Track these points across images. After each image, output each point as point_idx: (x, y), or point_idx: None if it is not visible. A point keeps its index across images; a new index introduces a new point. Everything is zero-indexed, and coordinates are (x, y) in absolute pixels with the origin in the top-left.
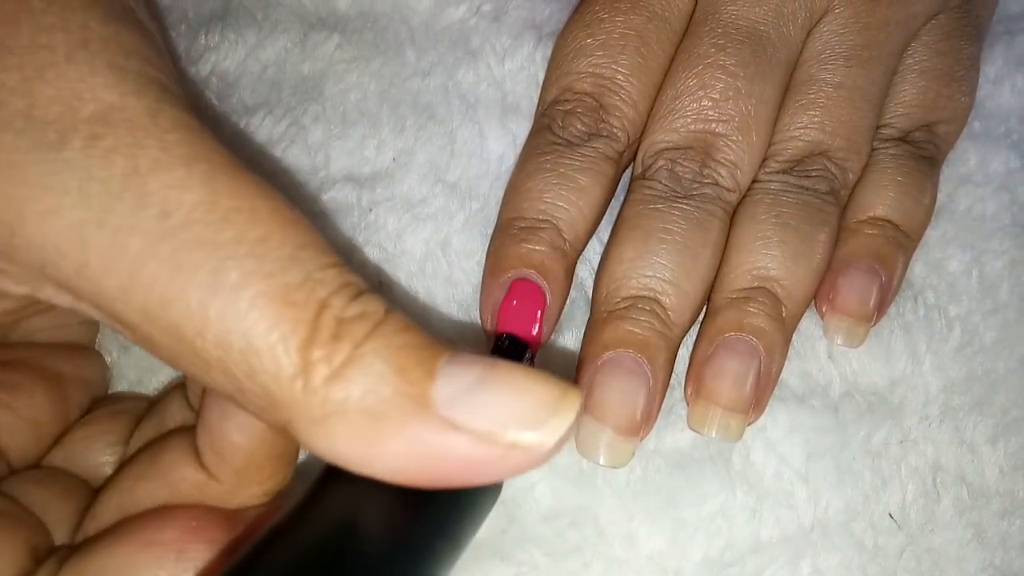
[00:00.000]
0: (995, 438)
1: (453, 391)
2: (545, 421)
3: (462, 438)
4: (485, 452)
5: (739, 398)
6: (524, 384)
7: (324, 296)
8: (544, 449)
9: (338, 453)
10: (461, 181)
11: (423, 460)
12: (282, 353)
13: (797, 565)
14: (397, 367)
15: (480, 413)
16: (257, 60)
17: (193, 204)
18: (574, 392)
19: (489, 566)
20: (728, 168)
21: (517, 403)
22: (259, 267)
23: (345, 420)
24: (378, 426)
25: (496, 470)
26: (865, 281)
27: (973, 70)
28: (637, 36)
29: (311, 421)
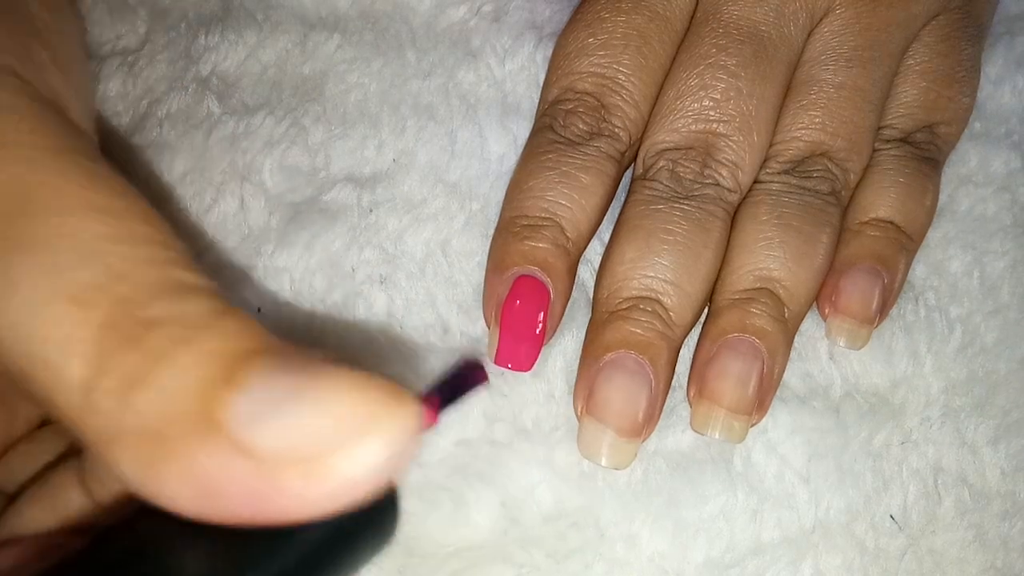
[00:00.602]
0: (996, 439)
1: (255, 405)
2: (352, 440)
3: (244, 463)
4: (272, 479)
5: (742, 399)
6: (338, 394)
7: (124, 294)
8: (347, 474)
9: (126, 478)
10: (462, 182)
11: (201, 487)
12: (68, 363)
13: (798, 566)
14: (200, 379)
15: (273, 432)
16: (257, 61)
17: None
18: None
19: (490, 568)
20: (729, 168)
21: (322, 418)
22: (50, 262)
23: (130, 440)
24: (160, 448)
25: (292, 502)
26: (868, 283)
27: (974, 71)
28: (639, 36)
29: (98, 441)
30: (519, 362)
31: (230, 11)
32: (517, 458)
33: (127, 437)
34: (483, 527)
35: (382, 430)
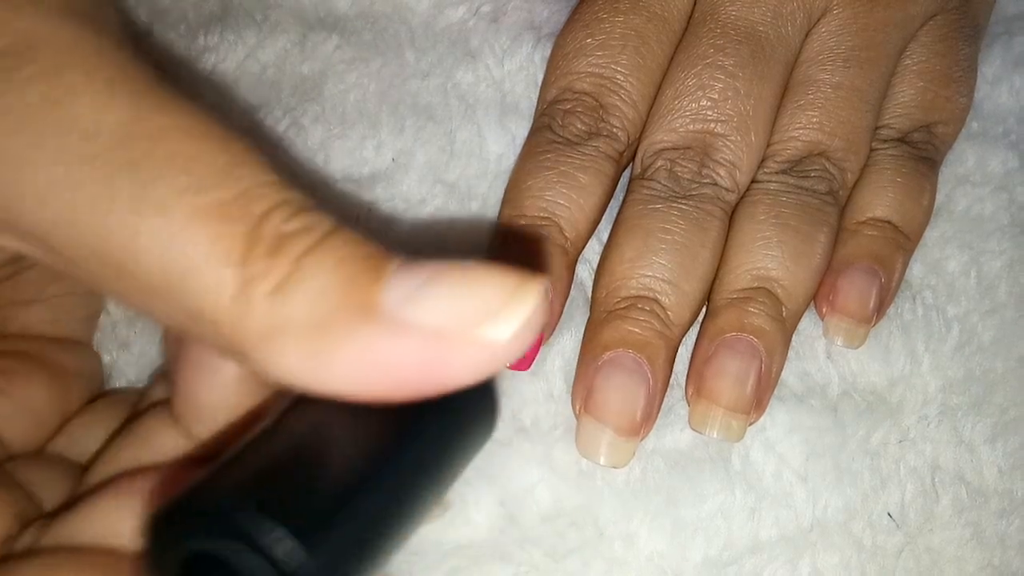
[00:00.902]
0: (994, 438)
1: (403, 292)
2: (500, 313)
3: (413, 339)
4: (440, 350)
5: (740, 398)
6: (477, 278)
7: (262, 211)
8: (501, 342)
9: (288, 373)
10: (460, 181)
11: (376, 368)
12: (220, 271)
13: (796, 565)
14: (342, 277)
15: (431, 310)
16: (256, 61)
17: (118, 123)
18: (533, 282)
19: (488, 567)
20: (727, 168)
21: (470, 297)
22: (190, 184)
23: (291, 336)
24: (325, 338)
25: (457, 370)
26: (865, 282)
27: (971, 71)
28: (637, 36)
29: (257, 342)
30: (518, 361)
31: (229, 11)
32: (516, 457)
33: (288, 334)
34: (481, 526)
35: (525, 300)
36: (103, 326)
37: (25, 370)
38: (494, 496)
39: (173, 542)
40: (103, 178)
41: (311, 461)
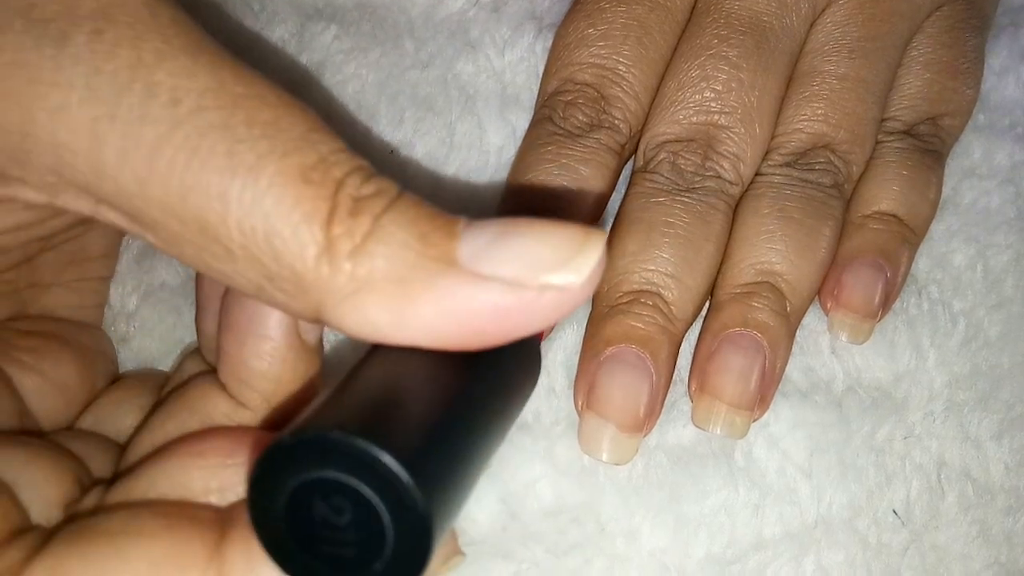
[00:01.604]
0: (1000, 434)
1: (476, 246)
2: (571, 260)
3: (492, 287)
4: (517, 298)
5: (744, 394)
6: (545, 231)
7: (340, 175)
8: (575, 287)
9: (372, 325)
10: (460, 173)
11: (458, 316)
12: (305, 232)
13: (800, 562)
14: (418, 234)
15: (506, 261)
16: (254, 52)
17: (201, 91)
18: (597, 233)
19: (490, 563)
20: (731, 160)
21: (541, 248)
22: (273, 148)
23: (374, 290)
24: (408, 291)
25: (532, 316)
26: (870, 277)
27: (978, 62)
28: (639, 26)
29: (341, 298)
30: None
31: (227, 2)
32: (517, 452)
33: (372, 289)
34: (482, 522)
35: (592, 247)
36: (103, 321)
37: (53, 349)
38: (495, 492)
39: (285, 475)
40: (189, 141)
41: (404, 397)
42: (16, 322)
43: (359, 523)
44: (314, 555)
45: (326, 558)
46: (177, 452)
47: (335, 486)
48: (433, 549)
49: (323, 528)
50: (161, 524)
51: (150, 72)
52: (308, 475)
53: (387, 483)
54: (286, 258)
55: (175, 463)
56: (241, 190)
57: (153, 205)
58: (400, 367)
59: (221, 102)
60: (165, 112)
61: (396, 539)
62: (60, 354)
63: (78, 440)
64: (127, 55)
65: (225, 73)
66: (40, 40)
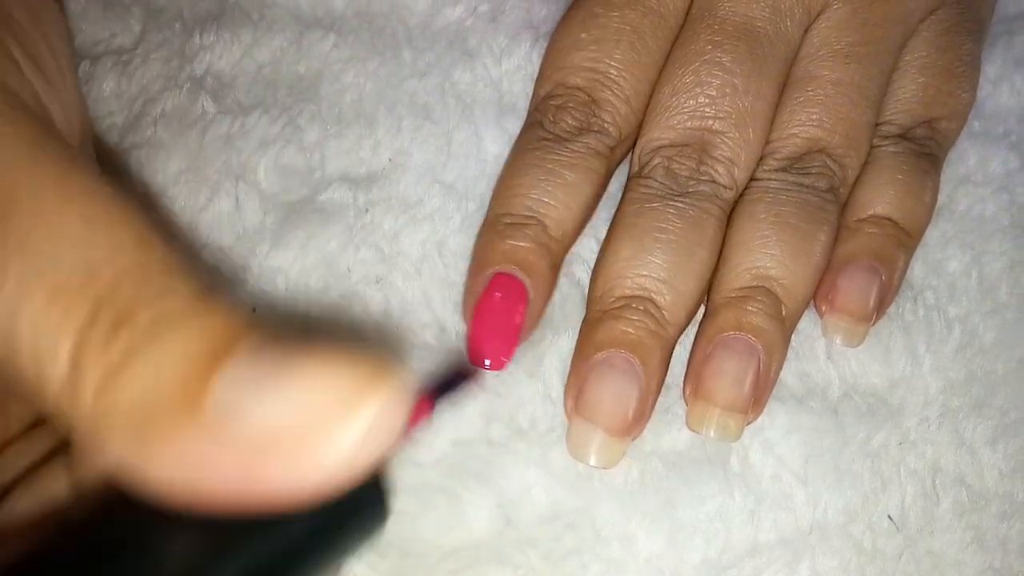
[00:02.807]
0: (994, 440)
1: (235, 389)
2: (339, 420)
3: (228, 449)
4: (259, 461)
5: (737, 398)
6: (321, 376)
7: (107, 288)
8: (333, 456)
9: (110, 463)
10: (458, 182)
11: (196, 474)
12: (48, 356)
13: (795, 567)
14: (180, 364)
15: (257, 414)
16: (253, 60)
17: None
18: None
19: (486, 569)
20: (725, 165)
21: (305, 398)
22: (31, 260)
23: (116, 426)
24: (146, 432)
25: (277, 485)
26: (865, 280)
27: (973, 66)
28: (632, 31)
29: (87, 430)
30: (494, 360)
31: (225, 10)
32: (513, 459)
33: (114, 423)
34: (479, 528)
35: (366, 406)
36: None
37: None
38: (491, 498)
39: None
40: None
41: None
42: None
43: None
44: None
45: None
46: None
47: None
48: None
49: None
50: None
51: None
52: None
53: None
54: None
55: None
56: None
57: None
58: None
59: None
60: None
61: None
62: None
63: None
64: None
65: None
66: None
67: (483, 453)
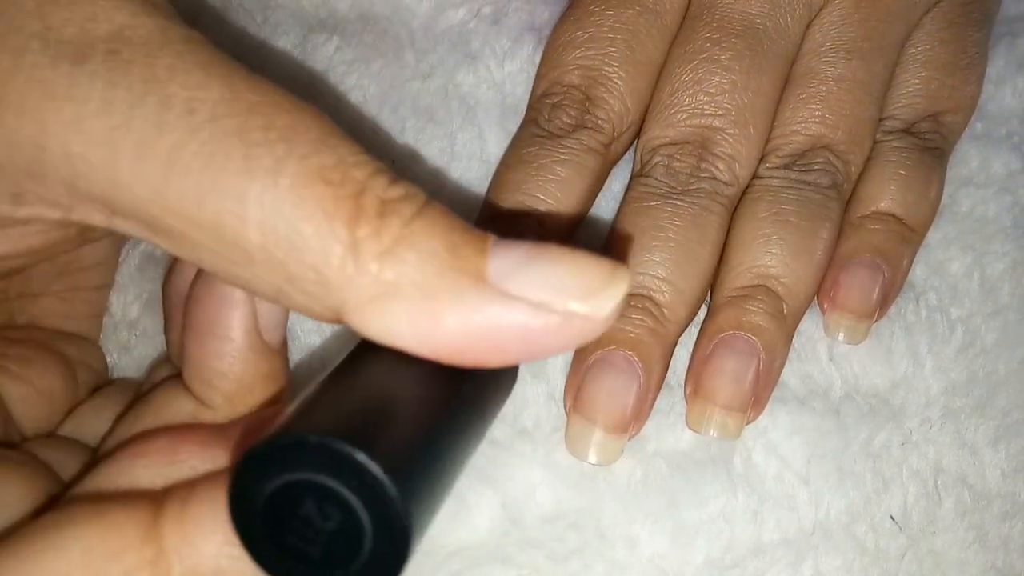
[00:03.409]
0: (996, 440)
1: (506, 265)
2: (599, 292)
3: (520, 308)
4: (543, 321)
5: (737, 396)
6: (574, 260)
7: (362, 177)
8: (599, 317)
9: (396, 333)
10: (461, 183)
11: (483, 333)
12: (328, 231)
13: (798, 567)
14: (448, 244)
15: (535, 284)
16: (256, 62)
17: (216, 100)
18: (624, 269)
19: (490, 569)
20: (726, 162)
21: (570, 276)
22: (291, 151)
23: (401, 298)
24: (435, 302)
25: (554, 340)
26: (867, 277)
27: (979, 57)
28: (627, 30)
29: (365, 301)
30: None
31: (229, 13)
32: (517, 459)
33: (398, 296)
34: (483, 528)
35: (619, 282)
36: (105, 328)
37: (40, 358)
38: (495, 498)
39: (269, 473)
40: (205, 147)
41: (388, 405)
42: (4, 331)
43: (339, 525)
44: (290, 553)
45: (302, 555)
46: (122, 454)
47: (314, 488)
48: (410, 558)
49: (302, 527)
50: (92, 511)
51: (163, 86)
52: (292, 476)
53: (372, 491)
54: (308, 258)
55: (119, 465)
56: (260, 192)
57: (169, 213)
58: (383, 373)
59: (236, 110)
60: (180, 121)
61: (374, 545)
62: (47, 364)
63: (54, 447)
64: (140, 72)
65: (238, 83)
66: (57, 59)
67: (487, 453)
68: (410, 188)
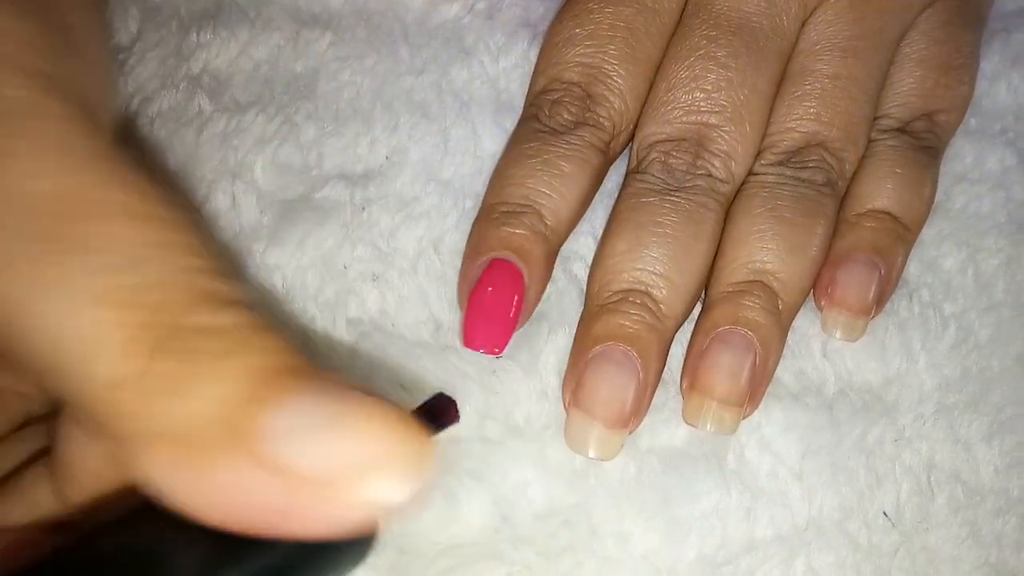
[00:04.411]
0: (990, 436)
1: (288, 425)
2: (377, 469)
3: (275, 480)
4: (306, 496)
5: (733, 391)
6: (372, 427)
7: (163, 301)
8: (373, 499)
9: (156, 482)
10: (455, 179)
11: (241, 499)
12: (96, 362)
13: (791, 564)
14: (231, 391)
15: (309, 451)
16: (250, 58)
17: (41, 195)
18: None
19: (482, 566)
20: (722, 159)
21: (353, 443)
22: (96, 265)
23: (166, 443)
24: (191, 455)
25: (318, 520)
26: (864, 274)
27: (972, 58)
28: (626, 28)
29: (132, 441)
30: (489, 344)
31: (222, 8)
32: (509, 456)
33: (157, 440)
34: (474, 525)
35: (406, 462)
36: None
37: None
38: (487, 495)
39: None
40: (7, 247)
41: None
42: None
43: None
44: None
45: None
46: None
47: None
48: None
49: None
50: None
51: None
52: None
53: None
54: (82, 386)
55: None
56: (48, 307)
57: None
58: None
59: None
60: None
61: None
62: None
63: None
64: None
65: (80, 178)
66: None
67: (479, 450)
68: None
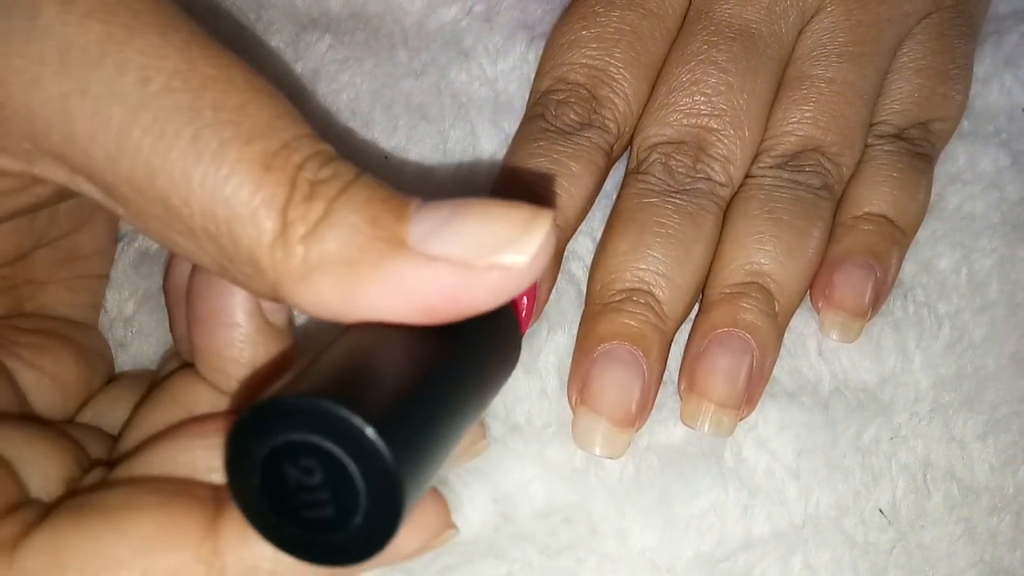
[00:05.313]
0: (985, 434)
1: (426, 227)
2: (517, 241)
3: (438, 267)
4: (463, 277)
5: (731, 394)
6: (493, 212)
7: (299, 161)
8: (520, 266)
9: (324, 306)
10: (454, 180)
11: (404, 296)
12: (262, 217)
13: (788, 561)
14: (369, 217)
15: (453, 242)
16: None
17: (171, 71)
18: (544, 213)
19: (482, 564)
20: (721, 163)
21: (488, 229)
22: (238, 134)
23: (325, 272)
24: (357, 272)
25: (479, 295)
26: (861, 277)
27: (967, 68)
28: (632, 31)
29: (294, 280)
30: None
31: (222, 12)
32: (509, 454)
33: (324, 271)
34: (475, 523)
35: (538, 228)
36: (101, 324)
37: (52, 346)
38: (487, 493)
39: (256, 442)
40: (156, 123)
41: (371, 364)
42: (15, 319)
43: (332, 484)
44: (292, 520)
45: (304, 522)
46: (180, 433)
47: (305, 449)
48: (404, 503)
49: (298, 493)
50: (156, 500)
51: (120, 49)
52: (277, 439)
53: (359, 446)
54: (244, 242)
55: (178, 443)
56: (204, 175)
57: (122, 181)
58: (369, 339)
59: (190, 84)
60: (134, 91)
61: (368, 497)
62: (59, 351)
63: (77, 431)
64: (97, 29)
65: (195, 53)
66: (9, 12)
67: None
68: (340, 167)
